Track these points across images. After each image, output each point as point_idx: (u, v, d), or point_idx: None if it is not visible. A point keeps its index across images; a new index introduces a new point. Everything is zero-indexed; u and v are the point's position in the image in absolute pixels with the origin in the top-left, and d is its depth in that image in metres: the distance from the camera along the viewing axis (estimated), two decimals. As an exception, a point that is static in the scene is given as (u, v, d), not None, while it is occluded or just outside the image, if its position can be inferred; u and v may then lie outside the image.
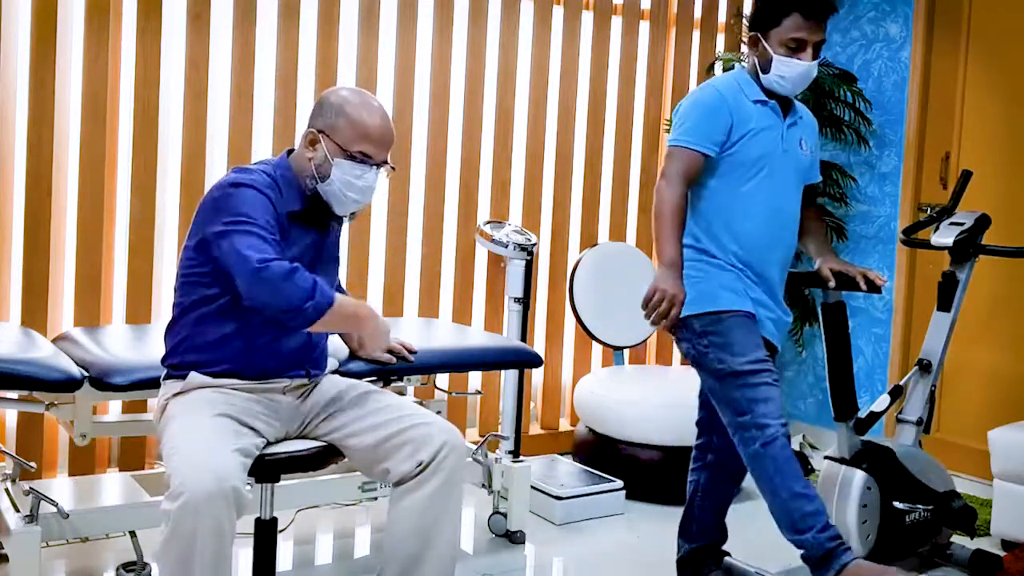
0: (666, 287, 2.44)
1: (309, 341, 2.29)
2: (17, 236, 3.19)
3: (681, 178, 2.52)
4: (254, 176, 2.19)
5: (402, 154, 3.82)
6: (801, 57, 2.53)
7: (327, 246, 2.37)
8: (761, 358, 2.49)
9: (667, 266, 2.48)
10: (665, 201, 2.51)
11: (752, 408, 2.46)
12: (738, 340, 2.50)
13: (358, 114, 2.23)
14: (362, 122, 2.23)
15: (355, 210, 2.30)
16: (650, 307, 2.45)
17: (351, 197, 2.24)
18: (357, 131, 2.22)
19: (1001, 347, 4.04)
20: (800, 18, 2.51)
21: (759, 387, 2.47)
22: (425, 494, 2.14)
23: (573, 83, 4.22)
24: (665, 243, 2.50)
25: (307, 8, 3.59)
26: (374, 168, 2.25)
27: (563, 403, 4.39)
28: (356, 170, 2.23)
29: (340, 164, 2.22)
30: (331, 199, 2.25)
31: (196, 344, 2.20)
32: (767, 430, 2.44)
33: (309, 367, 2.30)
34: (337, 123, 2.23)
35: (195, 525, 1.81)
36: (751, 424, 2.47)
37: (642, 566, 3.07)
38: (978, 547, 3.05)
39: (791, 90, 2.58)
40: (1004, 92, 4.05)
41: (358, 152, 2.22)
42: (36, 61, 3.13)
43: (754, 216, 2.56)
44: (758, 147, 2.56)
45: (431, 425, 2.21)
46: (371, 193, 2.28)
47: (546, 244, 4.23)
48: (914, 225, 3.18)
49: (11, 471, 2.69)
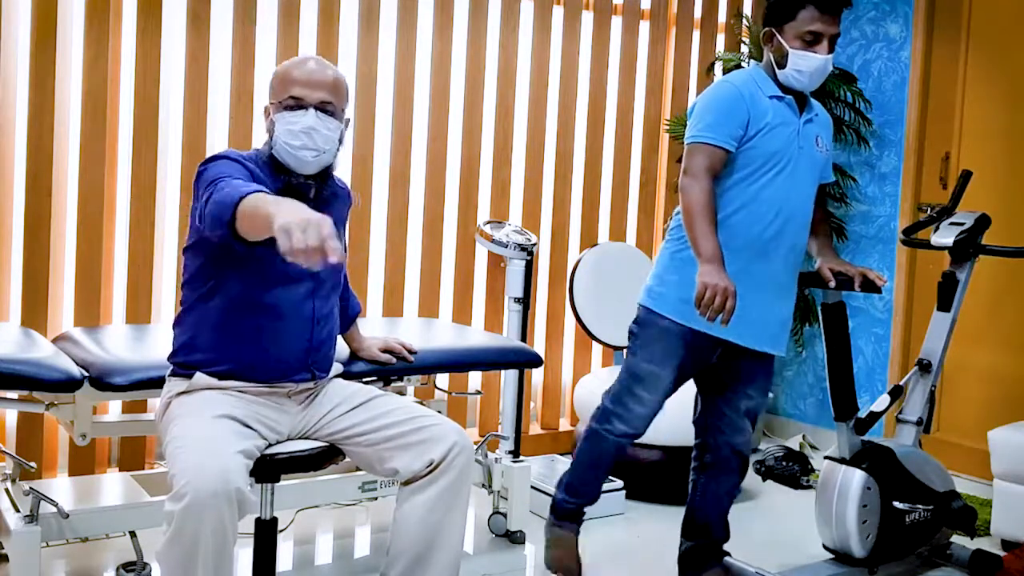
0: (716, 281, 2.39)
1: (312, 345, 2.27)
2: (17, 236, 3.19)
3: (706, 172, 2.51)
4: (229, 151, 2.22)
5: (402, 154, 3.82)
6: (817, 50, 2.54)
7: None
8: (659, 374, 2.62)
9: (708, 261, 2.44)
10: (694, 197, 2.49)
11: (617, 402, 2.67)
12: (656, 349, 2.62)
13: (284, 68, 2.25)
14: (286, 70, 2.23)
15: (313, 160, 2.20)
16: (703, 304, 2.40)
17: (295, 145, 2.18)
18: (283, 80, 2.22)
19: (1001, 347, 4.04)
20: (815, 11, 2.52)
21: (637, 398, 2.64)
22: (434, 493, 2.15)
23: (573, 83, 4.23)
24: (702, 238, 2.46)
25: (307, 8, 3.59)
26: (310, 110, 2.18)
27: (563, 403, 4.39)
28: (290, 117, 2.19)
29: (278, 118, 2.21)
30: (285, 158, 2.21)
31: (202, 344, 2.19)
32: (609, 427, 2.67)
33: (315, 369, 2.29)
34: (272, 85, 2.25)
35: (198, 526, 1.81)
36: (607, 410, 2.69)
37: (642, 566, 3.07)
38: (978, 547, 3.05)
39: (808, 84, 2.58)
40: (1004, 92, 4.05)
41: (288, 99, 2.20)
42: (36, 61, 3.13)
43: (764, 211, 2.56)
44: (774, 143, 2.55)
45: (441, 426, 2.21)
46: (317, 136, 2.19)
47: (546, 244, 4.24)
48: (914, 225, 3.18)
49: (11, 471, 2.69)
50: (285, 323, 2.21)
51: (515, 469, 3.16)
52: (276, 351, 2.21)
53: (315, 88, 2.20)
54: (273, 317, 2.19)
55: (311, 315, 2.25)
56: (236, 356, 2.18)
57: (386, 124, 3.80)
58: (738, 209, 2.56)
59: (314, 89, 2.20)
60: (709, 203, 2.49)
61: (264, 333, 2.20)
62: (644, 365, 2.63)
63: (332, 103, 2.23)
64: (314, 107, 2.19)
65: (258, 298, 2.18)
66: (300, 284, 2.23)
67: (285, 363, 2.23)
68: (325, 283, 2.29)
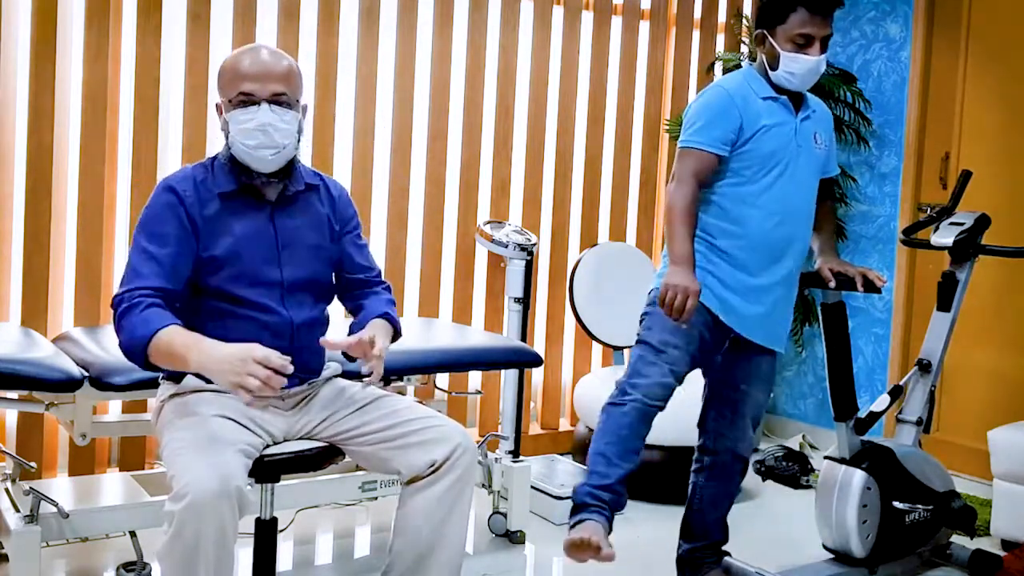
0: (677, 281, 2.45)
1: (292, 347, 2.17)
2: (17, 236, 3.19)
3: (692, 178, 2.53)
4: (176, 173, 2.16)
5: (402, 154, 3.82)
6: (809, 52, 2.54)
7: (290, 229, 2.21)
8: (676, 344, 2.53)
9: (676, 263, 2.48)
10: (675, 201, 2.53)
11: (633, 372, 2.55)
12: (668, 325, 2.54)
13: (231, 62, 2.13)
14: (233, 66, 2.11)
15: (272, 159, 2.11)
16: (666, 304, 2.45)
17: (251, 145, 2.08)
18: (232, 76, 2.10)
19: (1001, 347, 4.04)
20: (806, 13, 2.52)
21: (654, 365, 2.53)
22: (436, 493, 2.14)
23: (573, 83, 4.23)
24: (676, 241, 2.50)
25: (307, 8, 3.59)
26: (263, 105, 2.07)
27: (563, 403, 4.39)
28: (243, 115, 2.08)
29: (231, 117, 2.10)
30: (244, 159, 2.12)
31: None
32: (624, 396, 2.52)
33: (303, 376, 2.24)
34: (220, 82, 2.14)
35: (199, 526, 1.81)
36: (622, 384, 2.56)
37: (642, 566, 3.07)
38: (978, 547, 3.05)
39: (800, 85, 2.59)
40: (1004, 92, 4.05)
41: (239, 95, 2.08)
42: (36, 61, 3.13)
43: (767, 212, 2.57)
44: (770, 143, 2.56)
45: (445, 426, 2.19)
46: (274, 132, 2.08)
47: (546, 244, 4.24)
48: (914, 225, 3.18)
49: (11, 471, 2.69)
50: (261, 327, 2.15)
51: (515, 469, 3.16)
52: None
53: (266, 81, 2.08)
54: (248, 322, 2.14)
55: (288, 320, 2.18)
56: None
57: (386, 124, 3.80)
58: (744, 210, 2.57)
59: (265, 83, 2.08)
60: (690, 208, 2.53)
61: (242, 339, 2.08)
62: (660, 335, 2.55)
63: (286, 94, 2.11)
64: (267, 101, 2.08)
65: (231, 305, 2.14)
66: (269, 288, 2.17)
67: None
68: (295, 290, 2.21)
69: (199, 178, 2.16)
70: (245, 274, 2.15)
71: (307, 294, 2.25)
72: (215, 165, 2.19)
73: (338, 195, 2.36)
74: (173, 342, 1.97)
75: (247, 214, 2.18)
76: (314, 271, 2.26)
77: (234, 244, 2.14)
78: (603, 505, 2.49)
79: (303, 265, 2.24)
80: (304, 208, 2.26)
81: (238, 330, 2.12)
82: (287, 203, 2.22)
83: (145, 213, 2.12)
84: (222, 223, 2.15)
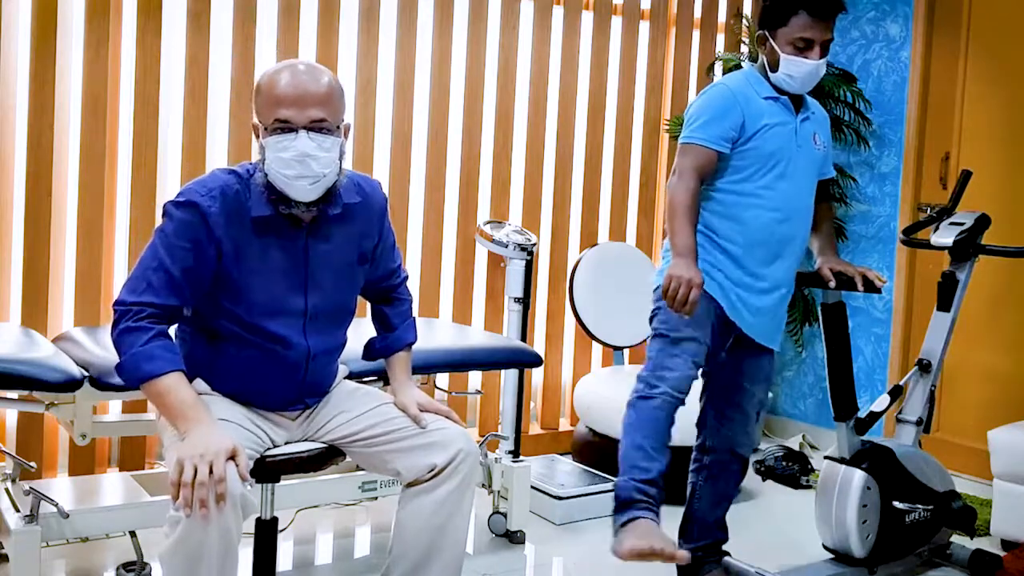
0: (680, 273, 2.44)
1: (305, 380, 2.17)
2: (17, 236, 3.19)
3: (693, 173, 2.53)
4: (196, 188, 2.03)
5: (402, 154, 3.82)
6: (809, 56, 2.54)
7: (322, 254, 2.13)
8: (692, 336, 2.52)
9: (679, 255, 2.48)
10: (678, 196, 2.52)
11: (657, 365, 2.53)
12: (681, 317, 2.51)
13: (267, 82, 1.99)
14: (269, 89, 1.98)
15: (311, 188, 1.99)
16: (668, 295, 2.44)
17: (290, 176, 1.97)
18: (267, 100, 1.98)
19: (1001, 347, 4.04)
20: (807, 17, 2.52)
21: (676, 356, 2.52)
22: (438, 497, 2.12)
23: (573, 83, 4.22)
24: (678, 235, 2.50)
25: (307, 8, 3.59)
26: (300, 132, 1.96)
27: (563, 403, 4.39)
28: (280, 142, 1.96)
29: (267, 143, 1.98)
30: (282, 187, 2.00)
31: (195, 361, 2.12)
32: (653, 389, 2.50)
33: (307, 399, 2.23)
34: (256, 103, 2.01)
35: (204, 531, 1.80)
36: (646, 377, 2.53)
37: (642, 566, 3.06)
38: (978, 547, 3.05)
39: (799, 88, 2.59)
40: (1004, 92, 4.05)
41: (275, 123, 1.97)
42: (36, 60, 3.13)
43: (768, 210, 2.57)
44: (771, 143, 2.57)
45: (448, 430, 2.18)
46: (312, 163, 1.96)
47: (546, 244, 4.23)
48: (914, 225, 3.18)
49: (11, 471, 2.69)
50: (276, 359, 2.12)
51: (515, 469, 3.16)
52: (265, 386, 2.14)
53: (303, 106, 1.96)
54: (263, 353, 2.10)
55: (305, 351, 2.14)
56: (224, 383, 2.13)
57: (386, 124, 3.80)
58: (744, 208, 2.57)
59: (303, 108, 1.96)
60: (692, 203, 2.52)
61: (254, 368, 2.11)
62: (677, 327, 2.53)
63: (325, 119, 1.98)
64: (305, 128, 1.97)
65: (247, 333, 2.09)
66: (292, 317, 2.11)
67: (275, 396, 2.17)
68: (319, 318, 2.15)
69: (231, 192, 2.03)
70: (267, 304, 2.08)
71: (330, 322, 2.20)
72: (251, 182, 2.05)
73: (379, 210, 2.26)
74: (170, 395, 1.93)
75: (278, 241, 2.08)
76: (340, 298, 2.21)
77: (260, 273, 2.06)
78: (651, 501, 2.47)
79: (330, 293, 2.17)
80: (340, 227, 2.15)
81: (248, 360, 2.10)
82: (322, 223, 2.12)
83: (166, 221, 2.03)
84: (250, 248, 2.05)
